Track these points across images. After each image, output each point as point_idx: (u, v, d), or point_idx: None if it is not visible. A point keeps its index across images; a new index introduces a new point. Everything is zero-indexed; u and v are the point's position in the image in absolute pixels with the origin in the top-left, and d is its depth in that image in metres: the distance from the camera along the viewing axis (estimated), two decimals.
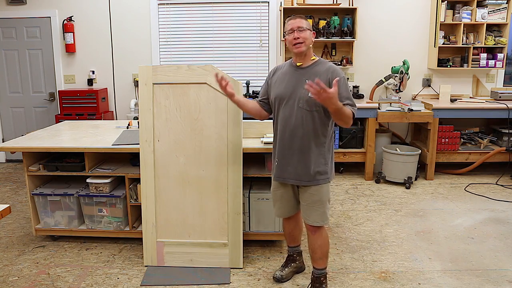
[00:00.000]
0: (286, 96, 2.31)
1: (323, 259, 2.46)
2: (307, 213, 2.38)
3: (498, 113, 4.63)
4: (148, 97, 2.74)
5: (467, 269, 2.81)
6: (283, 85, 2.33)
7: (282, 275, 2.66)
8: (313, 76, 2.23)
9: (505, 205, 3.95)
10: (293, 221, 2.63)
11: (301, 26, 2.23)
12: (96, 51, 5.30)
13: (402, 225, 3.52)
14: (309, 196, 2.35)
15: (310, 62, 2.32)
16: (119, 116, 5.45)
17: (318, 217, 2.36)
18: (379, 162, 4.80)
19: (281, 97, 2.33)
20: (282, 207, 2.52)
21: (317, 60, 2.33)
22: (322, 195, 2.34)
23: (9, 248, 3.15)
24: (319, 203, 2.34)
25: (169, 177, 2.78)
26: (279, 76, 2.39)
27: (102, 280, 2.70)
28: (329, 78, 2.23)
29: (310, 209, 2.36)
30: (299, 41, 2.23)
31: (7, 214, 2.01)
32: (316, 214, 2.35)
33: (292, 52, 2.30)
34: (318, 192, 2.33)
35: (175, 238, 2.83)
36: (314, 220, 2.36)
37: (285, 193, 2.47)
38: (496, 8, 4.83)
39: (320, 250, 2.43)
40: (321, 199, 2.34)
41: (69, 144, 3.01)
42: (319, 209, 2.35)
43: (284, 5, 4.87)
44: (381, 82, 4.94)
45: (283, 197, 2.48)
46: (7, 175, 5.06)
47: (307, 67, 2.31)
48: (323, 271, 2.49)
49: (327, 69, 2.27)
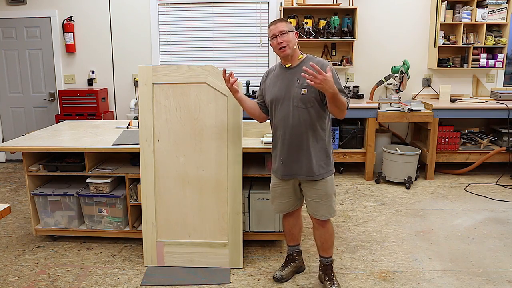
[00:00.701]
0: (281, 98, 2.37)
1: (332, 247, 2.56)
2: (315, 208, 2.43)
3: (498, 113, 4.63)
4: (148, 97, 2.74)
5: (467, 269, 2.81)
6: (276, 87, 2.40)
7: (282, 275, 2.66)
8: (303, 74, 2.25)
9: (505, 205, 3.95)
10: (293, 219, 2.66)
11: (282, 30, 2.29)
12: (96, 51, 5.30)
13: (402, 225, 3.52)
14: (316, 192, 2.40)
15: (298, 61, 2.37)
16: (119, 116, 5.45)
17: (326, 211, 2.42)
18: (379, 162, 4.80)
19: (276, 99, 2.39)
20: (281, 203, 2.56)
21: (305, 58, 2.38)
22: (327, 189, 2.40)
23: (9, 248, 3.15)
24: (325, 197, 2.40)
25: (169, 177, 2.78)
26: (272, 79, 2.45)
27: (102, 280, 2.70)
28: None
29: (317, 204, 2.41)
30: (283, 45, 2.29)
31: (7, 214, 2.01)
32: (323, 208, 2.41)
33: (279, 56, 2.37)
34: (324, 187, 2.39)
35: (175, 238, 2.83)
36: (322, 214, 2.42)
37: (286, 190, 2.51)
38: (496, 8, 4.83)
39: (330, 239, 2.52)
40: (327, 193, 2.40)
41: (69, 144, 3.01)
42: (326, 203, 2.41)
43: (284, 5, 4.87)
44: (381, 82, 4.94)
45: (283, 194, 2.52)
46: (7, 175, 5.06)
47: (295, 67, 2.36)
48: (332, 258, 2.59)
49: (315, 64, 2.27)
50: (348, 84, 5.25)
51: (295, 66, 2.36)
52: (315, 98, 2.30)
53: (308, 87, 2.28)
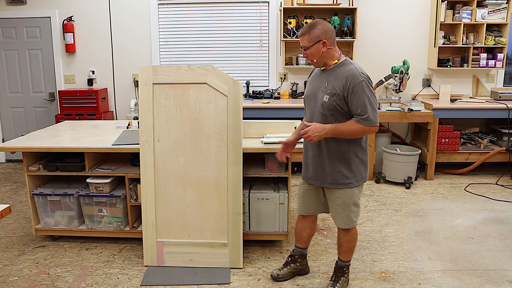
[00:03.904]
0: (310, 98, 2.39)
1: (348, 253, 2.54)
2: (334, 215, 2.46)
3: (498, 113, 4.63)
4: (148, 97, 2.74)
5: (467, 269, 2.81)
6: (310, 87, 2.43)
7: (279, 274, 2.66)
8: (333, 80, 2.27)
9: (505, 205, 3.95)
10: (307, 222, 2.64)
11: (304, 46, 2.29)
12: (96, 51, 5.30)
13: (402, 225, 3.52)
14: (334, 199, 2.40)
15: (333, 65, 2.33)
16: (119, 116, 5.45)
17: (343, 220, 2.41)
18: (379, 162, 4.80)
19: (307, 98, 2.43)
20: (302, 203, 2.57)
21: (341, 62, 2.32)
22: (345, 199, 2.36)
23: (9, 248, 3.15)
24: (342, 206, 2.38)
25: (169, 177, 2.78)
26: (312, 77, 2.48)
27: (102, 280, 2.70)
28: (343, 83, 2.23)
29: (335, 211, 2.43)
30: (309, 59, 2.32)
31: (7, 214, 2.01)
32: (340, 217, 2.41)
33: None
34: (342, 196, 2.37)
35: (175, 238, 2.83)
36: (339, 222, 2.44)
37: (308, 191, 2.52)
38: (496, 8, 4.83)
39: (346, 244, 2.50)
40: (345, 202, 2.37)
41: (69, 144, 3.01)
42: (343, 213, 2.39)
43: (284, 5, 4.87)
44: (381, 82, 4.93)
45: (305, 194, 2.53)
46: (7, 175, 5.06)
47: (329, 70, 2.33)
48: (347, 263, 2.58)
49: (343, 74, 2.25)
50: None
51: (329, 70, 2.33)
52: (336, 107, 2.24)
53: (330, 94, 2.24)
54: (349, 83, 2.20)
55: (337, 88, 2.23)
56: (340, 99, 2.23)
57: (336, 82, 2.24)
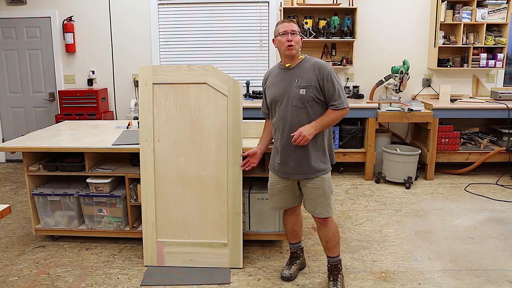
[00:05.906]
0: (280, 98, 2.41)
1: (336, 247, 2.56)
2: (313, 207, 2.46)
3: (498, 113, 4.63)
4: (148, 97, 2.74)
5: (467, 269, 2.81)
6: (276, 88, 2.44)
7: (291, 273, 2.68)
8: (301, 75, 2.36)
9: (505, 205, 3.95)
10: (294, 216, 2.69)
11: (295, 30, 2.37)
12: (96, 51, 5.30)
13: (402, 225, 3.52)
14: (313, 191, 2.42)
15: (297, 61, 2.42)
16: (119, 116, 5.45)
17: (324, 209, 2.45)
18: (379, 162, 4.80)
19: (276, 99, 2.44)
20: (279, 200, 2.58)
21: (303, 58, 2.42)
22: (325, 188, 2.42)
23: (9, 248, 3.15)
24: (323, 196, 2.43)
25: (169, 177, 2.78)
26: (271, 81, 2.50)
27: (102, 280, 2.70)
28: (316, 74, 2.33)
29: (315, 202, 2.44)
30: (292, 43, 2.34)
31: (7, 214, 2.01)
32: (321, 206, 2.44)
33: (283, 54, 2.40)
34: (321, 185, 2.42)
35: (175, 238, 2.83)
36: (320, 212, 2.46)
37: (285, 187, 2.53)
38: (496, 8, 4.83)
39: (334, 238, 2.53)
40: (325, 191, 2.43)
41: (69, 144, 3.01)
42: (324, 202, 2.44)
43: (284, 5, 4.87)
44: (381, 82, 4.94)
45: (281, 191, 2.55)
46: (7, 175, 5.06)
47: (294, 67, 2.40)
48: (338, 258, 2.59)
49: (313, 66, 2.37)
50: (348, 84, 5.25)
51: (294, 67, 2.40)
52: (314, 98, 2.33)
53: (306, 87, 2.32)
54: (322, 73, 2.32)
55: (312, 80, 2.33)
56: (316, 89, 2.33)
57: (308, 75, 2.34)
